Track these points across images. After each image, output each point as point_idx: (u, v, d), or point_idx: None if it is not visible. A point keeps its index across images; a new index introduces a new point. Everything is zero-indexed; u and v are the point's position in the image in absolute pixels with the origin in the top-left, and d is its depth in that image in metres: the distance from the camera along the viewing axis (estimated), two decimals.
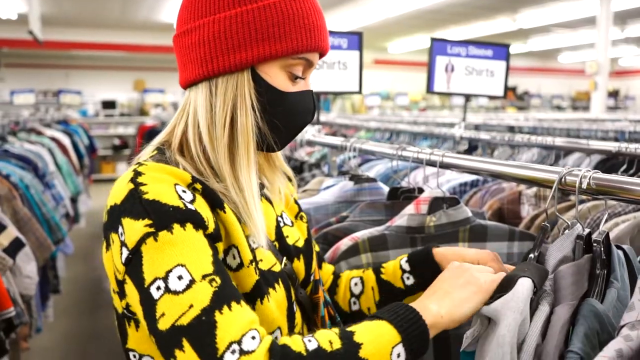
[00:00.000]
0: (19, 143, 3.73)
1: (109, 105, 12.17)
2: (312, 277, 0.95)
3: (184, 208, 0.71)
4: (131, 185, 0.73)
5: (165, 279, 0.67)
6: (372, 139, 3.53)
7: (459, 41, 2.21)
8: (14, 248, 2.21)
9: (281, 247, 0.90)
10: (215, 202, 0.78)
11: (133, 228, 0.70)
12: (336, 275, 1.09)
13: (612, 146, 1.62)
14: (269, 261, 0.84)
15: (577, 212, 0.84)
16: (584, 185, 0.80)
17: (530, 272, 0.78)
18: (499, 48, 2.24)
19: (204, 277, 0.68)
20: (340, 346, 0.67)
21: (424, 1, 8.77)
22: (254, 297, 0.78)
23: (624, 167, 1.79)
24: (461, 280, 0.80)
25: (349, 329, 0.71)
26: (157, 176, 0.74)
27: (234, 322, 0.66)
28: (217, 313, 0.65)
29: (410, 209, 1.19)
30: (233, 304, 0.67)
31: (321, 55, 0.89)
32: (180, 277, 0.67)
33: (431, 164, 1.20)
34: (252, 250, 0.80)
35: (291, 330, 0.85)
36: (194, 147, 0.82)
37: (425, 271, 0.99)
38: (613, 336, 0.68)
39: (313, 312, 0.93)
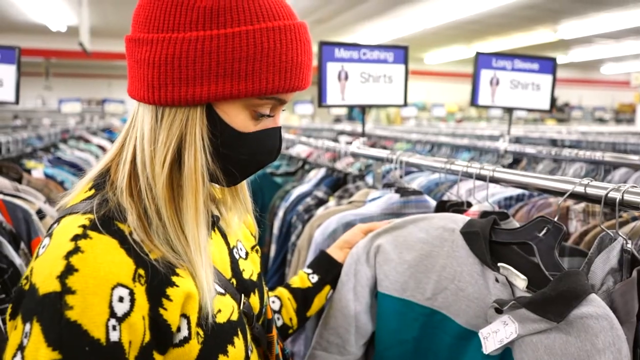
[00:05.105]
0: (69, 150, 3.89)
1: None
2: (264, 310, 0.88)
3: (104, 344, 0.58)
4: (57, 286, 0.57)
5: None
6: (413, 150, 3.52)
7: (504, 54, 2.20)
8: None
9: (239, 284, 0.80)
10: (165, 283, 0.65)
11: (36, 352, 0.56)
12: None
13: None
14: (227, 309, 0.74)
15: (617, 223, 0.85)
16: None
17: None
18: (545, 62, 2.22)
19: None
20: None
21: (464, 12, 8.73)
22: None
23: None
24: None
25: None
26: (93, 278, 0.59)
27: None
28: None
29: None
30: None
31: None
32: None
33: (481, 178, 1.20)
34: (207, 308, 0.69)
35: None
36: (143, 180, 0.67)
37: (324, 266, 1.12)
38: None
39: (268, 349, 0.87)
